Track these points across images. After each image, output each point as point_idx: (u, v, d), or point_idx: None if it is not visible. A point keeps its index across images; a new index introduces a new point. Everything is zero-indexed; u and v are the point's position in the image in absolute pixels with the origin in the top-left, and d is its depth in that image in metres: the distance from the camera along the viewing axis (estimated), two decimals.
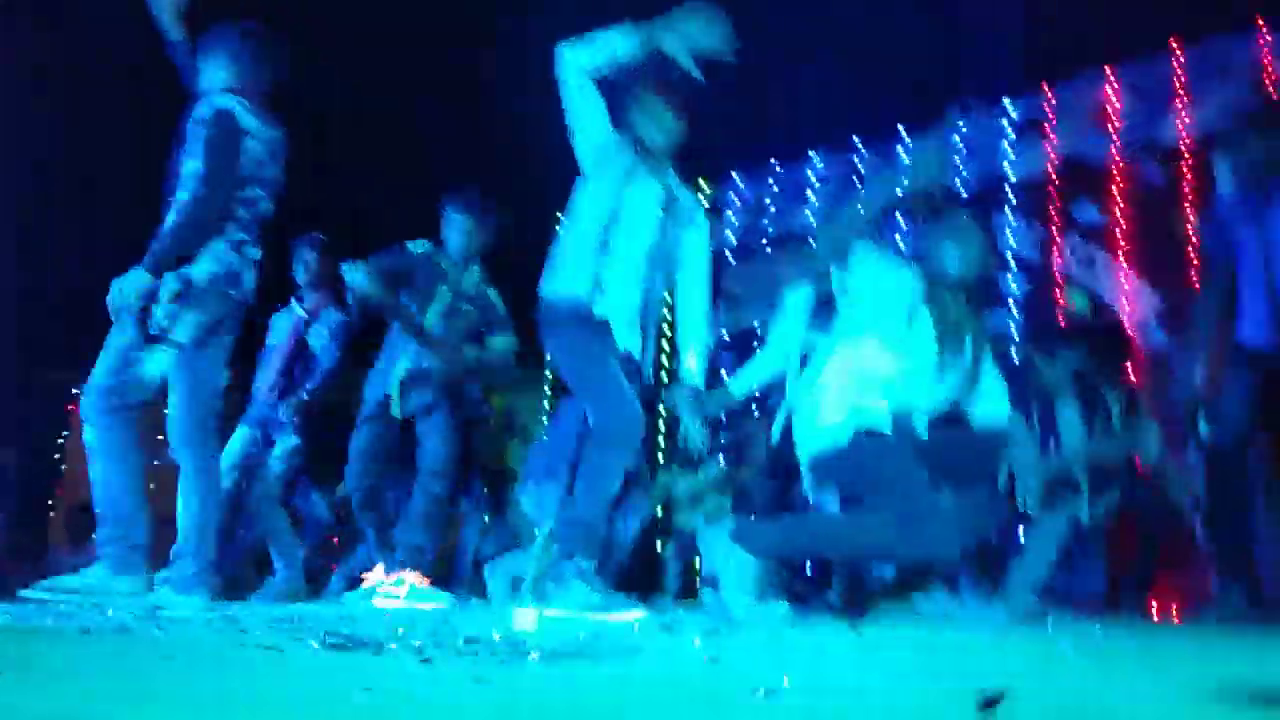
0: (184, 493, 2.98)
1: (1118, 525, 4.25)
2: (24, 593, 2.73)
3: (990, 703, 0.91)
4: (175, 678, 1.27)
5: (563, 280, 2.83)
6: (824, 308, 3.96)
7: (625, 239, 2.81)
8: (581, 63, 2.76)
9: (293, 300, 4.78)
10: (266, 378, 4.66)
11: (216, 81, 3.01)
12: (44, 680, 1.22)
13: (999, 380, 2.85)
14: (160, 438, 3.06)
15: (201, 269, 2.86)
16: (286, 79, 3.12)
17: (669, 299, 3.04)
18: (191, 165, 2.90)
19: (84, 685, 1.17)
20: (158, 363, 2.86)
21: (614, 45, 2.74)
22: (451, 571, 5.17)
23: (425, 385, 4.00)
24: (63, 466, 8.38)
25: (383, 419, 4.05)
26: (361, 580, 4.04)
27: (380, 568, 3.97)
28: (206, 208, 2.83)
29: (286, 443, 4.58)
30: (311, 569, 4.96)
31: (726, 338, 6.90)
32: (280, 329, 4.74)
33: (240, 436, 4.61)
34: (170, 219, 2.87)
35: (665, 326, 4.04)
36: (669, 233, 2.89)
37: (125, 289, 2.77)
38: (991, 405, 2.82)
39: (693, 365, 2.94)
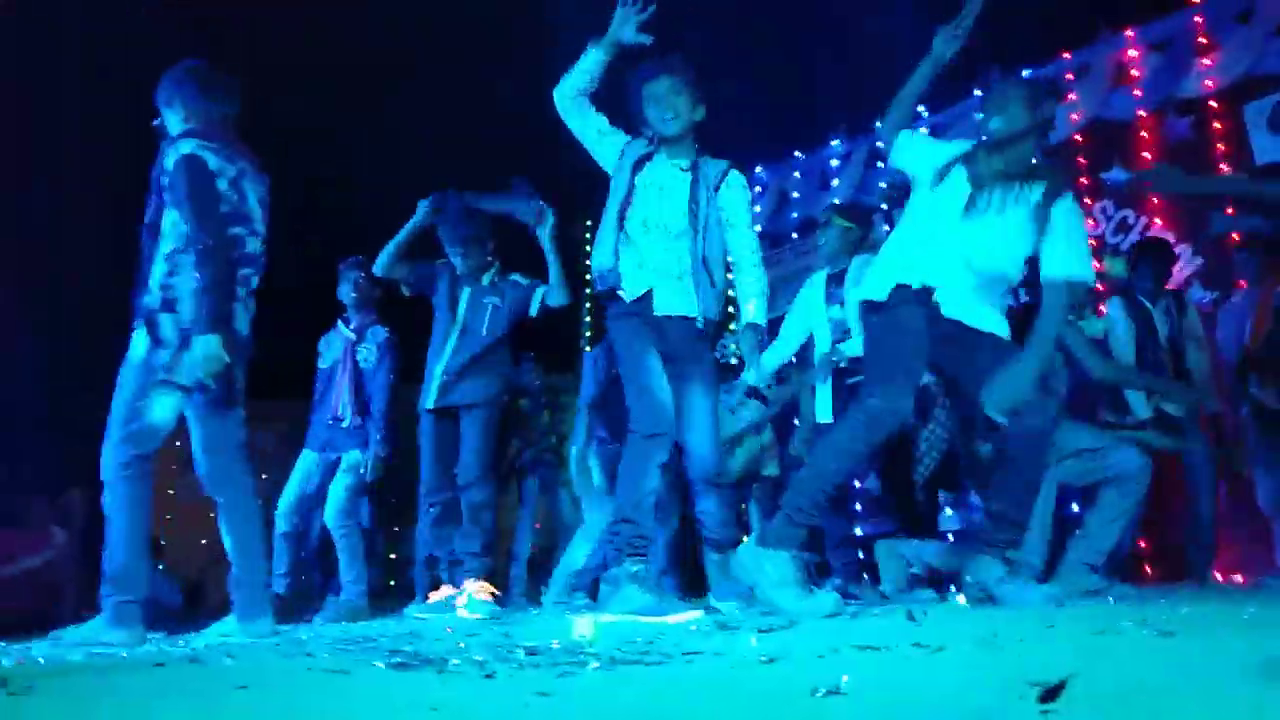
0: (224, 526, 3.03)
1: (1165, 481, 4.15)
2: (35, 647, 2.75)
3: (1050, 694, 0.92)
4: (249, 707, 1.31)
5: (595, 258, 3.09)
6: (838, 287, 4.06)
7: (645, 216, 3.05)
8: (564, 91, 3.09)
9: (339, 322, 4.89)
10: (326, 400, 4.77)
11: (174, 126, 3.01)
12: (127, 713, 1.26)
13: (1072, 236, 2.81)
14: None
15: (187, 314, 2.84)
16: (240, 110, 3.10)
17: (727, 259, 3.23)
18: (172, 217, 2.90)
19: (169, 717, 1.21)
20: (164, 407, 2.86)
21: (582, 63, 3.05)
22: (506, 576, 5.24)
23: (468, 378, 4.09)
24: None
25: (437, 426, 4.16)
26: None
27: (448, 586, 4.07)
28: (219, 256, 2.83)
29: (351, 457, 4.68)
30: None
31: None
32: (333, 351, 4.85)
33: (305, 461, 4.73)
34: (191, 283, 2.84)
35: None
36: (703, 200, 3.07)
37: (207, 361, 2.78)
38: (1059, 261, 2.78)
39: (752, 310, 3.12)
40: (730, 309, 3.35)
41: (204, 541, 8.82)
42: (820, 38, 6.59)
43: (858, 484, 5.72)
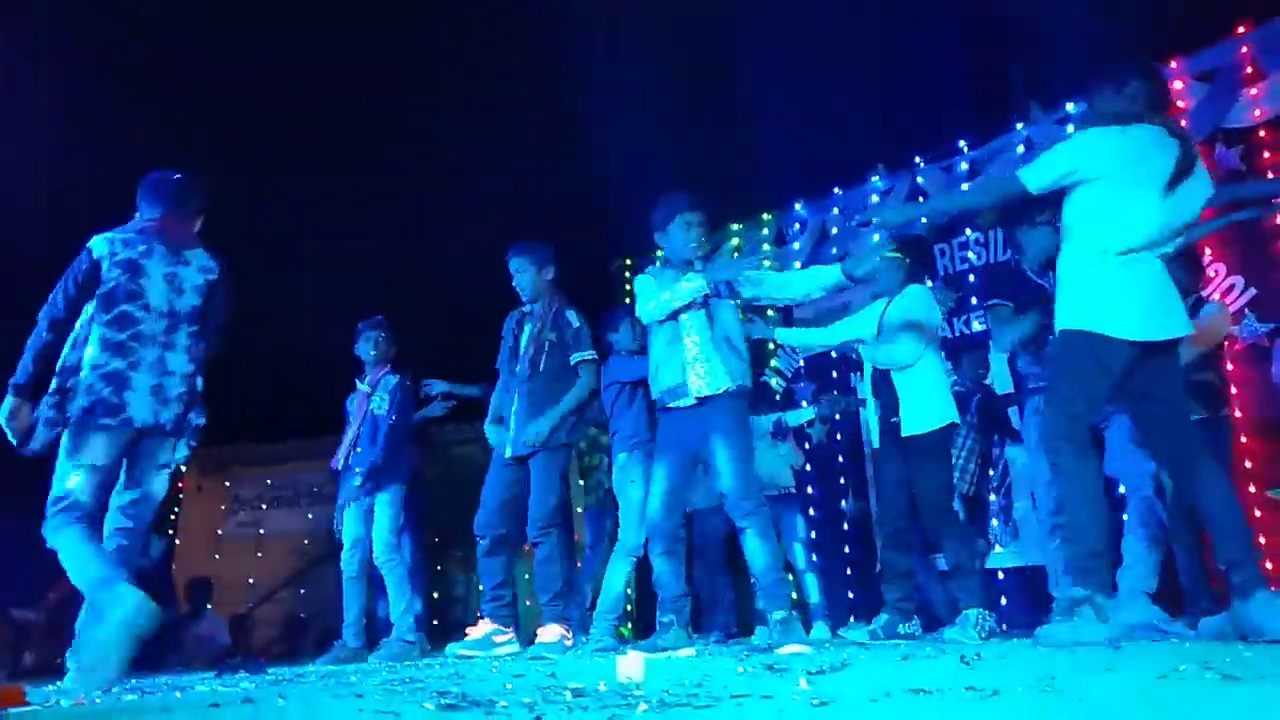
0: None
1: None
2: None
3: None
4: None
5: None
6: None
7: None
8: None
9: (357, 381, 5.18)
10: (341, 455, 5.04)
11: (133, 223, 3.29)
12: None
13: None
14: None
15: (75, 401, 3.01)
16: (201, 207, 3.38)
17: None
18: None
19: None
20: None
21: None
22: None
23: (531, 426, 4.15)
24: (176, 541, 8.76)
25: (500, 464, 4.21)
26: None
27: (486, 621, 4.08)
28: (39, 327, 3.06)
29: (383, 497, 4.90)
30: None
31: (801, 363, 6.87)
32: (352, 410, 5.15)
33: (343, 518, 4.99)
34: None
35: None
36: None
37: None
38: None
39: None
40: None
41: (251, 580, 8.95)
42: (859, 72, 6.63)
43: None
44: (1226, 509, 2.76)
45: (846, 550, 6.53)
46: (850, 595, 6.25)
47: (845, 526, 6.57)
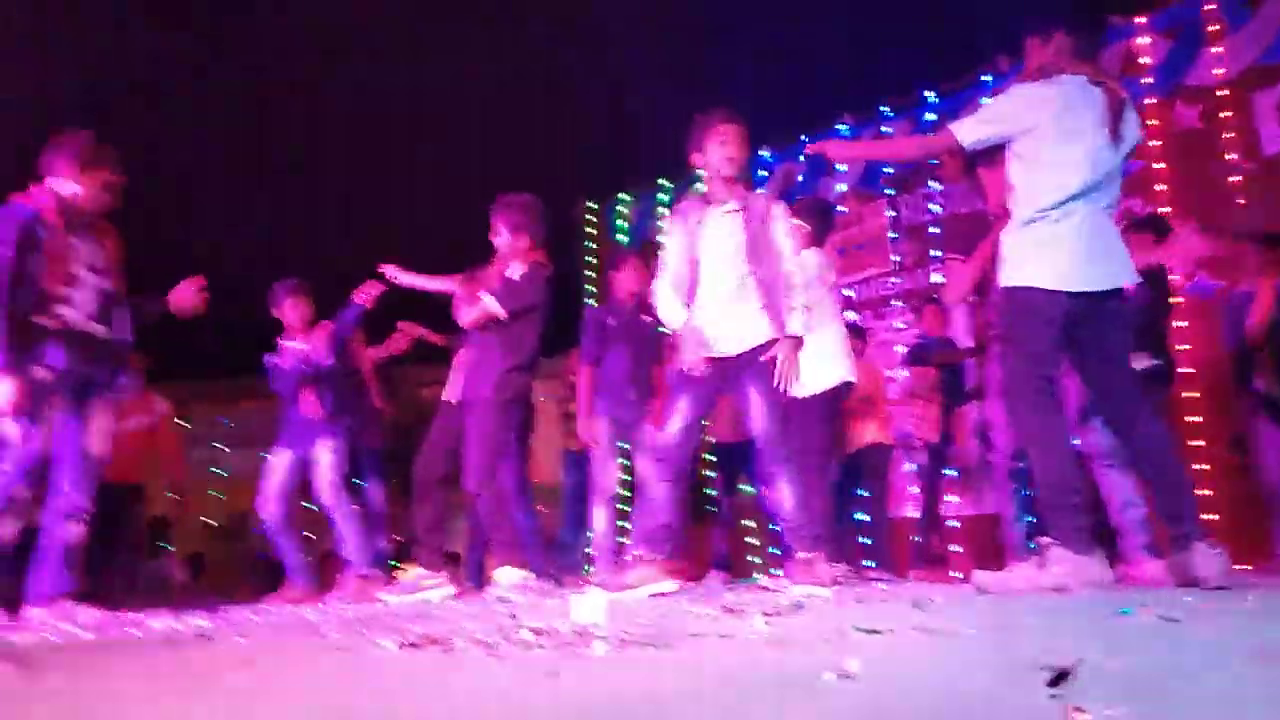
0: None
1: None
2: None
3: (1059, 678, 0.93)
4: (257, 682, 1.32)
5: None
6: None
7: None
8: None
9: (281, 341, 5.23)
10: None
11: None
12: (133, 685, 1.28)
13: None
14: None
15: None
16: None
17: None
18: None
19: (174, 686, 1.22)
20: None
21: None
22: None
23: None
24: None
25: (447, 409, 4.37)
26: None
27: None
28: None
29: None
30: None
31: None
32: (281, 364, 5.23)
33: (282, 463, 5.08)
34: None
35: None
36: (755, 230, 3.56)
37: None
38: None
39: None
40: None
41: (204, 519, 8.88)
42: (827, 20, 6.56)
43: None
44: (1165, 461, 2.82)
45: None
46: None
47: None
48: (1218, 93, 5.45)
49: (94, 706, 1.15)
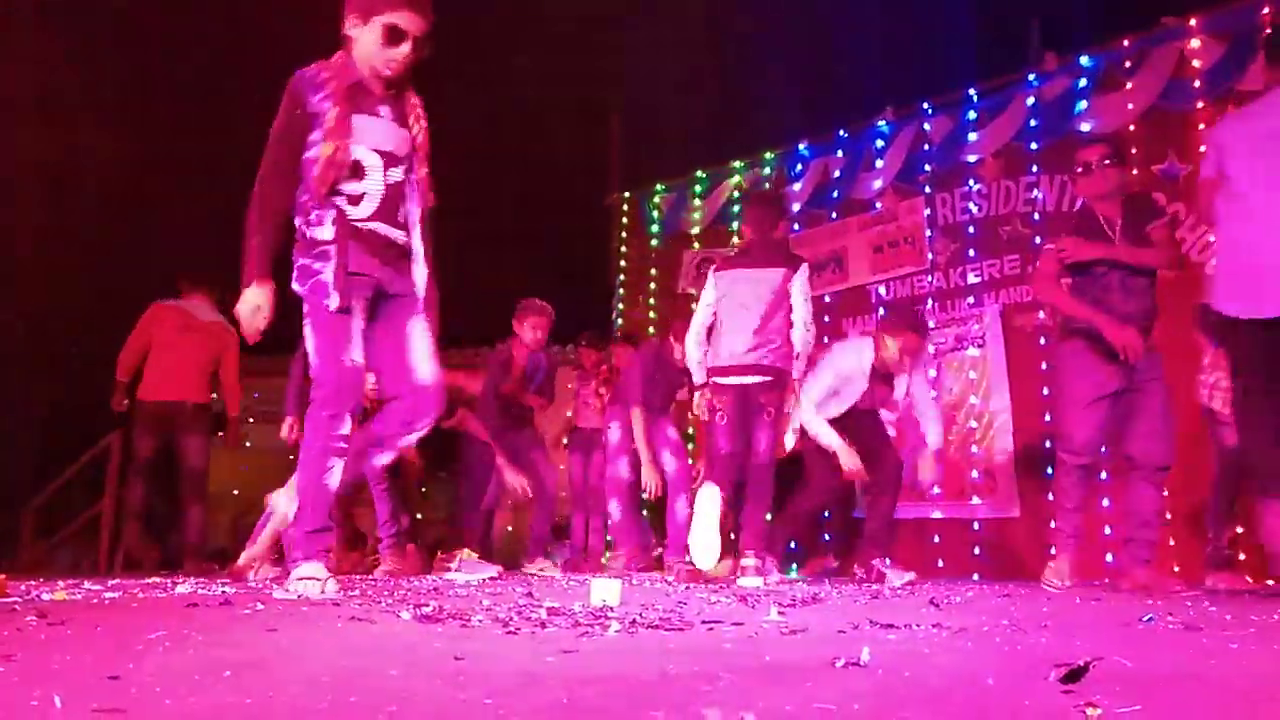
0: None
1: None
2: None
3: (1073, 675, 0.92)
4: (276, 646, 1.34)
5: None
6: None
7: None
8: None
9: None
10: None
11: None
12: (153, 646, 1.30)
13: None
14: None
15: None
16: None
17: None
18: None
19: (192, 655, 1.24)
20: None
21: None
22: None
23: None
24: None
25: None
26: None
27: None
28: None
29: None
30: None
31: None
32: None
33: None
34: None
35: None
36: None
37: None
38: None
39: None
40: None
41: (235, 492, 9.02)
42: (871, 14, 6.49)
43: None
44: None
45: None
46: None
47: None
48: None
49: (107, 654, 1.17)
